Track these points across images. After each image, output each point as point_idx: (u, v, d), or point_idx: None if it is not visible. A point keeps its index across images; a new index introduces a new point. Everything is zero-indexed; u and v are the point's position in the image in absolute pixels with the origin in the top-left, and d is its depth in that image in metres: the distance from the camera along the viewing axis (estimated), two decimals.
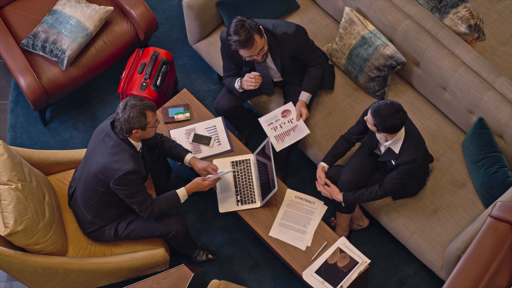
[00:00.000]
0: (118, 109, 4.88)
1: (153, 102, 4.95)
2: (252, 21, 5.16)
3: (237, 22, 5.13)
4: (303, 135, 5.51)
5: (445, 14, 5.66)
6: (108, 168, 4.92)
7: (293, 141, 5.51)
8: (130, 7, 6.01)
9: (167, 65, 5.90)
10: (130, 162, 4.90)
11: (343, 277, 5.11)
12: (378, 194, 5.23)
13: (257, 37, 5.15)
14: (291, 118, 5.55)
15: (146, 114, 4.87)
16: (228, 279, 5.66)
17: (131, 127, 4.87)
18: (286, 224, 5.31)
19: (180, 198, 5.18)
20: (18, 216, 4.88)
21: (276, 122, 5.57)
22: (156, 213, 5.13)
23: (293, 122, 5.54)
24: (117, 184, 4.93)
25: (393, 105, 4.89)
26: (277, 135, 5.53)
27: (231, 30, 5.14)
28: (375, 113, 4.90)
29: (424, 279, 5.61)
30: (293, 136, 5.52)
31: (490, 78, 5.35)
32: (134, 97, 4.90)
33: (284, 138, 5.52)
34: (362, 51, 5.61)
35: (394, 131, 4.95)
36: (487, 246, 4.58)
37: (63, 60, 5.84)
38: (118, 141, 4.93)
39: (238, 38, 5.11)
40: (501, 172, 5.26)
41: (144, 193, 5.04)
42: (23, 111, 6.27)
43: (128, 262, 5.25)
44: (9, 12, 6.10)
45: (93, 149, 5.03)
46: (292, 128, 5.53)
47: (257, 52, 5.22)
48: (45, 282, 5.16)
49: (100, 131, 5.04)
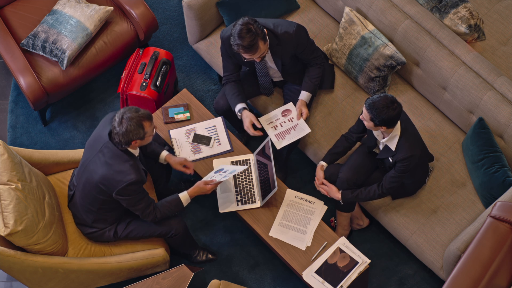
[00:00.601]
0: (114, 122, 4.85)
1: (148, 111, 4.92)
2: (258, 25, 5.12)
3: (243, 26, 5.09)
4: (304, 133, 5.50)
5: (445, 14, 5.66)
6: (109, 179, 4.92)
7: (293, 139, 5.50)
8: (130, 7, 6.01)
9: (167, 65, 5.90)
10: (131, 172, 4.91)
11: (343, 277, 5.11)
12: (377, 194, 5.23)
13: (260, 43, 5.14)
14: (291, 117, 5.55)
15: (143, 125, 4.86)
16: (228, 279, 5.66)
17: (130, 139, 4.87)
18: (286, 224, 5.31)
19: (182, 203, 5.19)
20: (18, 216, 4.88)
21: (276, 121, 5.57)
22: (159, 217, 5.14)
23: (294, 121, 5.54)
24: (119, 194, 4.95)
25: (386, 97, 4.91)
26: (277, 133, 5.53)
27: (235, 31, 5.10)
28: (370, 106, 4.91)
29: (424, 279, 5.61)
30: (293, 135, 5.52)
31: (490, 78, 5.35)
32: (129, 109, 4.86)
33: (284, 137, 5.52)
34: (362, 51, 5.61)
35: (391, 124, 4.95)
36: (487, 246, 4.58)
37: (63, 60, 5.84)
38: (118, 152, 4.93)
39: (241, 43, 5.09)
40: (501, 172, 5.26)
41: (146, 199, 5.05)
42: (23, 111, 6.27)
43: (128, 262, 5.25)
44: (9, 12, 6.10)
45: (91, 159, 5.01)
46: (293, 127, 5.53)
47: (258, 56, 5.22)
48: (45, 282, 5.16)
49: (96, 141, 5.01)
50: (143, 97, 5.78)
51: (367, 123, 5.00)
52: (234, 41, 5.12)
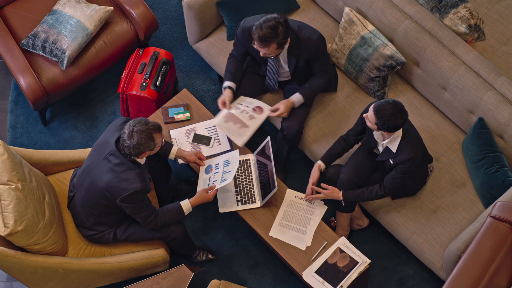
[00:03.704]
0: (124, 135, 4.85)
1: (157, 123, 4.93)
2: (286, 31, 5.13)
3: (272, 20, 5.11)
4: (241, 140, 5.39)
5: (445, 14, 5.66)
6: (114, 186, 4.92)
7: (230, 132, 5.41)
8: (130, 7, 6.01)
9: (167, 65, 5.90)
10: (137, 181, 4.91)
11: (343, 277, 5.11)
12: (379, 194, 5.23)
13: (272, 46, 5.16)
14: (255, 115, 5.48)
15: (154, 137, 4.88)
16: (228, 279, 5.66)
17: (141, 152, 4.88)
18: (286, 224, 5.31)
19: (184, 212, 5.19)
20: (18, 216, 4.88)
21: (243, 106, 5.51)
22: (159, 225, 5.15)
23: (251, 120, 5.48)
24: (123, 201, 4.96)
25: (396, 105, 4.88)
26: (230, 114, 5.44)
27: (263, 19, 5.13)
28: (377, 112, 4.88)
29: (424, 279, 5.61)
30: (235, 129, 5.42)
31: (490, 78, 5.35)
32: (138, 121, 4.86)
33: (231, 120, 5.42)
34: (362, 51, 5.61)
35: (394, 130, 4.95)
36: (487, 246, 4.58)
37: (63, 60, 5.84)
38: (124, 160, 4.93)
39: (259, 31, 5.11)
40: (501, 172, 5.26)
41: (149, 208, 5.06)
42: (23, 111, 6.27)
43: (128, 262, 5.25)
44: (9, 12, 6.10)
45: (96, 164, 5.02)
46: (243, 124, 5.45)
47: (269, 53, 5.23)
48: (45, 282, 5.16)
49: (103, 146, 5.02)
50: (143, 97, 5.78)
51: (371, 125, 4.99)
52: (256, 25, 5.13)
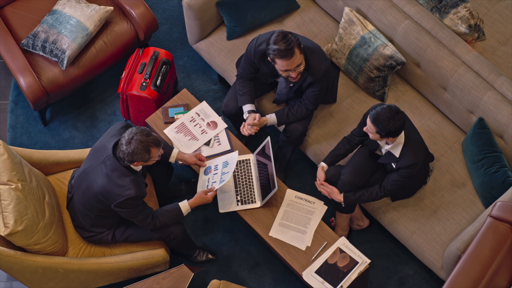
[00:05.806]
0: (123, 139, 4.85)
1: (158, 137, 4.93)
2: (294, 36, 5.10)
3: (278, 33, 5.08)
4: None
5: (445, 14, 5.66)
6: (109, 192, 4.92)
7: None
8: (130, 7, 6.01)
9: (167, 65, 5.90)
10: (131, 187, 4.91)
11: (343, 277, 5.11)
12: (379, 195, 5.23)
13: (297, 51, 5.10)
14: (213, 131, 5.55)
15: (150, 151, 4.86)
16: (228, 279, 5.66)
17: (134, 160, 4.88)
18: (286, 224, 5.31)
19: (182, 213, 5.18)
20: (18, 216, 4.88)
21: (196, 121, 5.57)
22: (158, 226, 5.15)
23: (208, 132, 5.53)
24: (118, 207, 4.97)
25: (390, 108, 4.89)
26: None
27: (271, 40, 5.08)
28: (375, 120, 4.89)
29: (424, 279, 5.61)
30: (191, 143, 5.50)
31: (490, 78, 5.35)
32: (141, 130, 4.86)
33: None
34: (362, 51, 5.61)
35: (396, 134, 4.95)
36: (487, 246, 4.58)
37: (63, 60, 5.84)
38: (120, 167, 4.93)
39: (277, 47, 5.05)
40: (501, 172, 5.26)
41: (145, 211, 5.06)
42: (23, 111, 6.27)
43: (128, 262, 5.25)
44: (9, 12, 6.10)
45: (93, 167, 5.02)
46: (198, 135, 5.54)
47: (294, 67, 5.14)
48: (45, 282, 5.16)
49: (100, 150, 5.01)
50: (143, 97, 5.78)
51: (373, 136, 4.98)
52: (271, 48, 5.08)
